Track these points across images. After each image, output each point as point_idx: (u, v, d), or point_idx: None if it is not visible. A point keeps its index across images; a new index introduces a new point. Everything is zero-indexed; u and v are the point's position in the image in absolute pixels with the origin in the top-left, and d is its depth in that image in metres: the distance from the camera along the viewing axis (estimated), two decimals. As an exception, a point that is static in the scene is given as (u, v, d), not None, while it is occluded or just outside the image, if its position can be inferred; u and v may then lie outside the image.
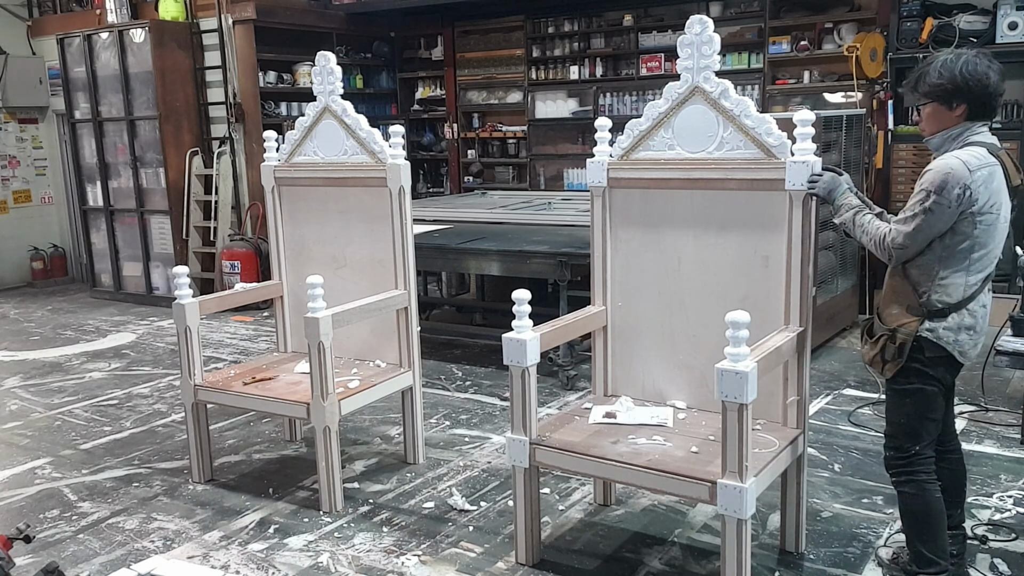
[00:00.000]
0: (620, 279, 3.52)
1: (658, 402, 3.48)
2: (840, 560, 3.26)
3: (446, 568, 3.30)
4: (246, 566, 3.36)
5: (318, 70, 4.14)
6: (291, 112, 8.74)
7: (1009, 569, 3.14)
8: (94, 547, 3.54)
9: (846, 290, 6.44)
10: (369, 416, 4.97)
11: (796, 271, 3.06)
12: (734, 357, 2.60)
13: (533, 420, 3.14)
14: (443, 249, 5.87)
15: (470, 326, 7.05)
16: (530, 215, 6.80)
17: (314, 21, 8.90)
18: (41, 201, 10.11)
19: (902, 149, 6.90)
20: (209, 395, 4.04)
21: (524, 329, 3.08)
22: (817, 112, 4.84)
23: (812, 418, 4.59)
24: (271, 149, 4.43)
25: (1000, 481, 3.90)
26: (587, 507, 3.77)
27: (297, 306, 4.38)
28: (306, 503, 3.89)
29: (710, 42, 3.11)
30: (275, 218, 4.46)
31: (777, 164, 3.05)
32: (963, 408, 4.81)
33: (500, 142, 9.60)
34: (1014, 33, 6.27)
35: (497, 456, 4.37)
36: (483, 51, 9.39)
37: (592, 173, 3.48)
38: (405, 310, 4.10)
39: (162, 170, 8.31)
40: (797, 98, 7.69)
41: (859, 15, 7.31)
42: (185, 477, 4.21)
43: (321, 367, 3.60)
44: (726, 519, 2.71)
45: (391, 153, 4.02)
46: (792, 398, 3.18)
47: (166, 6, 8.23)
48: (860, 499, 3.76)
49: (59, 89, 9.05)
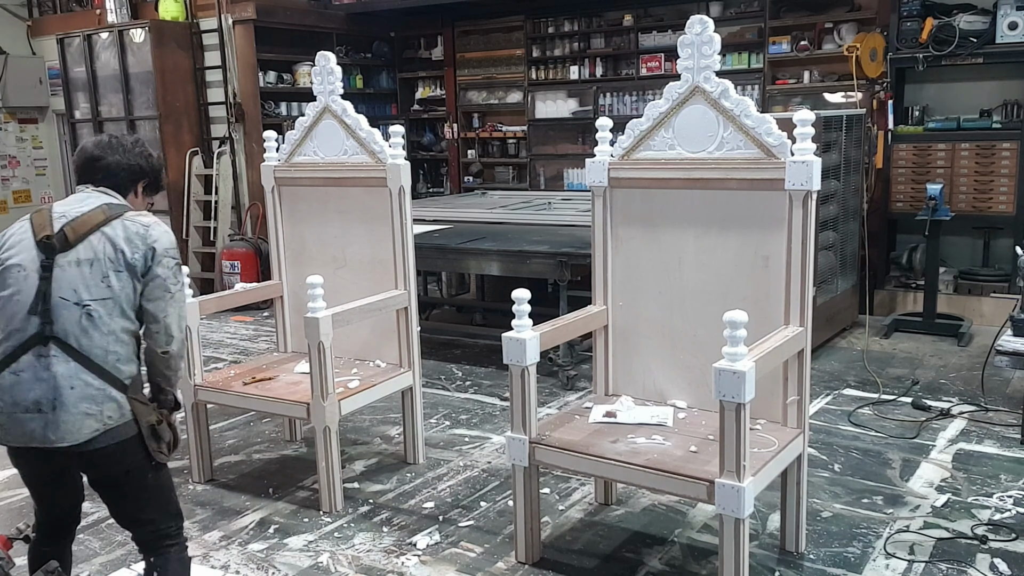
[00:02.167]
0: (621, 279, 3.52)
1: (658, 401, 3.49)
2: (840, 560, 3.26)
3: (446, 568, 3.30)
4: (246, 566, 3.37)
5: (318, 70, 4.14)
6: (291, 112, 8.73)
7: (1009, 569, 3.14)
8: (94, 547, 3.54)
9: (846, 290, 6.44)
10: (369, 416, 4.97)
11: (796, 271, 3.06)
12: (732, 357, 2.60)
13: (533, 419, 3.15)
14: (443, 249, 5.87)
15: (470, 326, 7.05)
16: (530, 215, 6.80)
17: (314, 21, 8.89)
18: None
19: (902, 149, 6.90)
20: (209, 395, 4.04)
21: (524, 328, 3.08)
22: (817, 112, 4.84)
23: (812, 418, 4.59)
24: (271, 149, 4.43)
25: (1000, 481, 3.90)
26: (587, 507, 3.77)
27: (297, 306, 4.37)
28: (306, 503, 3.89)
29: (710, 42, 3.11)
30: (275, 218, 4.46)
31: (777, 164, 3.05)
32: (963, 408, 4.82)
33: (500, 142, 9.59)
34: (1014, 33, 6.27)
35: (497, 456, 4.37)
36: (483, 51, 9.38)
37: (593, 173, 3.48)
38: (405, 310, 4.10)
39: (162, 170, 8.28)
40: (797, 98, 7.68)
41: (859, 15, 7.30)
42: (185, 477, 4.21)
43: (321, 367, 3.60)
44: (724, 518, 2.71)
45: (391, 153, 4.02)
46: (792, 398, 3.18)
47: (166, 6, 8.23)
48: (860, 499, 3.76)
49: (59, 89, 9.05)
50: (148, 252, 2.49)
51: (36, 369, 2.39)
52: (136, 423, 2.46)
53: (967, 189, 6.69)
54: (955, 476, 3.97)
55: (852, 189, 6.38)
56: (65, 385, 2.38)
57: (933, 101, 7.06)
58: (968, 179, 6.68)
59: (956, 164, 6.71)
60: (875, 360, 5.78)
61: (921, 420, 4.65)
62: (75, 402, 2.37)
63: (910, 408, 4.84)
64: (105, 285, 2.44)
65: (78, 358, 2.40)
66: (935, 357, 5.86)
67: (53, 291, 2.42)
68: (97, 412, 2.39)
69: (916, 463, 4.13)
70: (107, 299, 2.44)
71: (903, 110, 7.02)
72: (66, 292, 2.42)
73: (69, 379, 2.38)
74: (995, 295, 6.54)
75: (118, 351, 2.45)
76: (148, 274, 2.49)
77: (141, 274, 2.48)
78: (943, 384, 5.29)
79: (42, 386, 2.38)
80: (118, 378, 2.44)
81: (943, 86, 7.03)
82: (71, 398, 2.37)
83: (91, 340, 2.41)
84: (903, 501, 3.73)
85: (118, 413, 2.42)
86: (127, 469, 2.50)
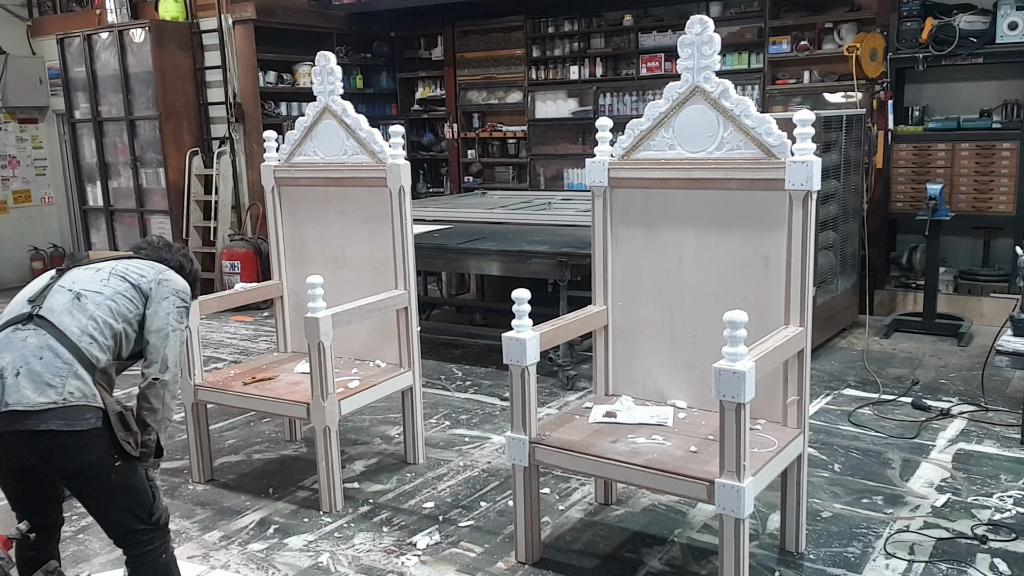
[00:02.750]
0: (621, 278, 3.52)
1: (659, 401, 3.49)
2: (840, 560, 3.26)
3: (446, 568, 3.30)
4: (246, 566, 3.37)
5: (318, 70, 4.14)
6: (291, 112, 8.74)
7: (1009, 569, 3.14)
8: (94, 547, 3.54)
9: (846, 290, 6.44)
10: (369, 416, 4.97)
11: (796, 271, 3.06)
12: (731, 357, 2.60)
13: (533, 419, 3.15)
14: (443, 249, 5.87)
15: (470, 326, 7.05)
16: (530, 215, 6.80)
17: (314, 21, 8.89)
18: (41, 201, 10.11)
19: (902, 149, 6.90)
20: (209, 395, 4.04)
21: (524, 328, 3.08)
22: (817, 112, 4.84)
23: (812, 418, 4.59)
24: (271, 149, 4.43)
25: (1000, 481, 3.90)
26: (587, 507, 3.77)
27: (297, 306, 4.38)
28: (306, 503, 3.89)
29: (710, 42, 3.11)
30: (275, 218, 4.46)
31: (777, 164, 3.05)
32: (963, 408, 4.82)
33: (500, 142, 9.59)
34: (1014, 33, 6.27)
35: (497, 456, 4.37)
36: (483, 51, 9.38)
37: (593, 173, 3.48)
38: (405, 310, 4.10)
39: (162, 170, 8.30)
40: (797, 98, 7.68)
41: (859, 15, 7.30)
42: (185, 477, 4.21)
43: (321, 367, 3.60)
44: (724, 518, 2.71)
45: (391, 153, 4.02)
46: (792, 398, 3.18)
47: (166, 6, 8.23)
48: (860, 499, 3.76)
49: (59, 89, 9.04)
50: (157, 281, 2.66)
51: (11, 340, 2.45)
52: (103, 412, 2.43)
53: (967, 189, 6.69)
54: (955, 476, 3.97)
55: (852, 189, 6.38)
56: (34, 356, 2.41)
57: (933, 101, 7.06)
58: (968, 179, 6.68)
59: (956, 164, 6.71)
60: (875, 360, 5.78)
61: (921, 420, 4.65)
62: (40, 372, 2.38)
63: (910, 408, 4.84)
64: (104, 284, 2.59)
65: (53, 332, 2.45)
66: (935, 357, 5.86)
67: (57, 284, 2.58)
68: (59, 384, 2.39)
69: (916, 463, 4.13)
70: (99, 293, 2.56)
71: (903, 110, 7.02)
72: (65, 282, 2.59)
73: (40, 350, 2.42)
74: (995, 295, 6.54)
75: (94, 336, 2.49)
76: (152, 300, 2.62)
77: (145, 297, 2.62)
78: (943, 384, 5.29)
79: (12, 355, 2.41)
80: (88, 359, 2.46)
81: (943, 86, 7.03)
82: (36, 367, 2.39)
83: (72, 319, 2.49)
84: (903, 501, 3.73)
85: (80, 392, 2.40)
86: (86, 464, 2.44)
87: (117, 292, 2.58)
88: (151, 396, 2.59)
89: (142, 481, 2.58)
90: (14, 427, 2.36)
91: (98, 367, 2.48)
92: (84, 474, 2.47)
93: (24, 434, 2.37)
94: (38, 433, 2.36)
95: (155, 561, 2.61)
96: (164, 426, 2.64)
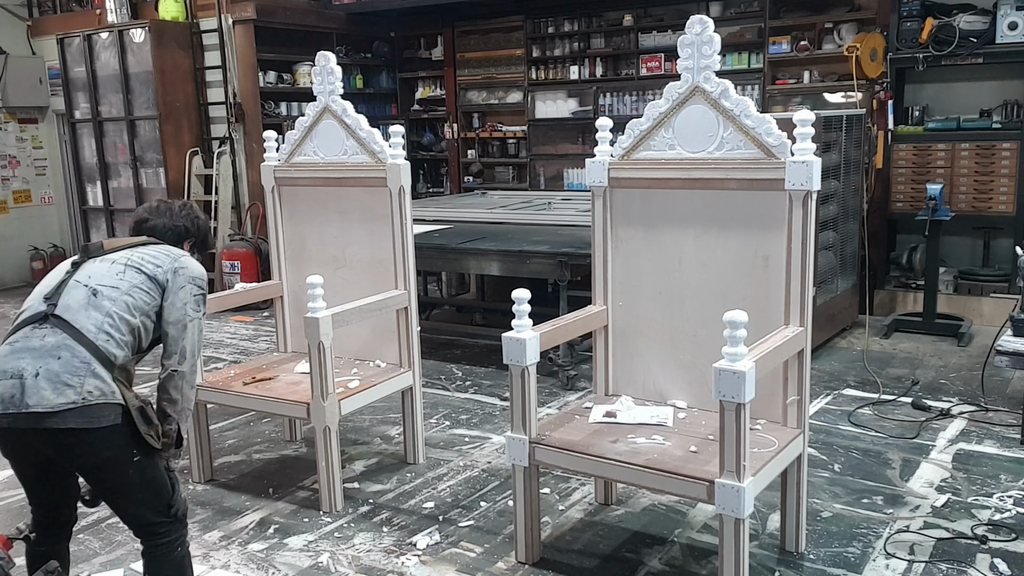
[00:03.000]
0: (621, 278, 3.52)
1: (659, 401, 3.49)
2: (840, 560, 3.26)
3: (446, 568, 3.30)
4: (246, 566, 3.37)
5: (318, 70, 4.14)
6: (291, 112, 8.73)
7: (1009, 569, 3.14)
8: (94, 547, 3.54)
9: (846, 290, 6.44)
10: (369, 416, 4.97)
11: (796, 271, 3.06)
12: (731, 357, 2.60)
13: (533, 419, 3.15)
14: (443, 249, 5.87)
15: (470, 326, 7.05)
16: (530, 215, 6.80)
17: (314, 21, 8.90)
18: (41, 201, 10.11)
19: (902, 149, 6.90)
20: (209, 395, 4.04)
21: (524, 328, 3.08)
22: (817, 112, 4.84)
23: (812, 418, 4.59)
24: (271, 149, 4.43)
25: (1000, 481, 3.90)
26: (587, 507, 3.77)
27: (297, 306, 4.38)
28: (306, 503, 3.89)
29: (710, 42, 3.11)
30: (275, 218, 4.46)
31: (777, 164, 3.05)
32: (963, 408, 4.82)
33: (500, 142, 9.59)
34: (1014, 33, 6.27)
35: (497, 456, 4.37)
36: (483, 51, 9.38)
37: (593, 173, 3.48)
38: (405, 310, 4.10)
39: (162, 170, 8.30)
40: (797, 98, 7.68)
41: (859, 15, 7.30)
42: (185, 477, 4.20)
43: (321, 367, 3.60)
44: (724, 518, 2.71)
45: (391, 153, 4.02)
46: (792, 398, 3.18)
47: (166, 6, 8.23)
48: (860, 499, 3.76)
49: (59, 89, 9.05)
50: (173, 270, 2.64)
51: (29, 340, 2.46)
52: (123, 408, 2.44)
53: (967, 189, 6.69)
54: (955, 476, 3.97)
55: (852, 189, 6.38)
56: (52, 356, 2.41)
57: (933, 101, 7.06)
58: (968, 179, 6.68)
59: (956, 164, 6.71)
60: (875, 360, 5.78)
61: (921, 420, 4.65)
62: (58, 372, 2.39)
63: (910, 408, 4.84)
64: (120, 278, 2.57)
65: (70, 331, 2.45)
66: (935, 357, 5.86)
67: (73, 280, 2.57)
68: (78, 384, 2.39)
69: (916, 463, 4.13)
70: (116, 288, 2.55)
71: (903, 110, 7.02)
72: (81, 277, 2.58)
73: (57, 349, 2.42)
74: (995, 295, 6.54)
75: (111, 333, 2.49)
76: (169, 291, 2.61)
77: (162, 288, 2.61)
78: (943, 384, 5.29)
79: (31, 355, 2.42)
80: (106, 356, 2.46)
81: (943, 86, 7.03)
82: (55, 367, 2.39)
83: (88, 316, 2.48)
84: (903, 501, 3.73)
85: (99, 391, 2.41)
86: (104, 459, 2.46)
87: (134, 286, 2.57)
88: (171, 387, 2.60)
89: (161, 474, 2.60)
90: (34, 426, 2.38)
91: (116, 364, 2.49)
92: (102, 469, 2.50)
93: (44, 432, 2.39)
94: (58, 431, 2.39)
95: (170, 554, 2.63)
96: (185, 416, 2.65)
